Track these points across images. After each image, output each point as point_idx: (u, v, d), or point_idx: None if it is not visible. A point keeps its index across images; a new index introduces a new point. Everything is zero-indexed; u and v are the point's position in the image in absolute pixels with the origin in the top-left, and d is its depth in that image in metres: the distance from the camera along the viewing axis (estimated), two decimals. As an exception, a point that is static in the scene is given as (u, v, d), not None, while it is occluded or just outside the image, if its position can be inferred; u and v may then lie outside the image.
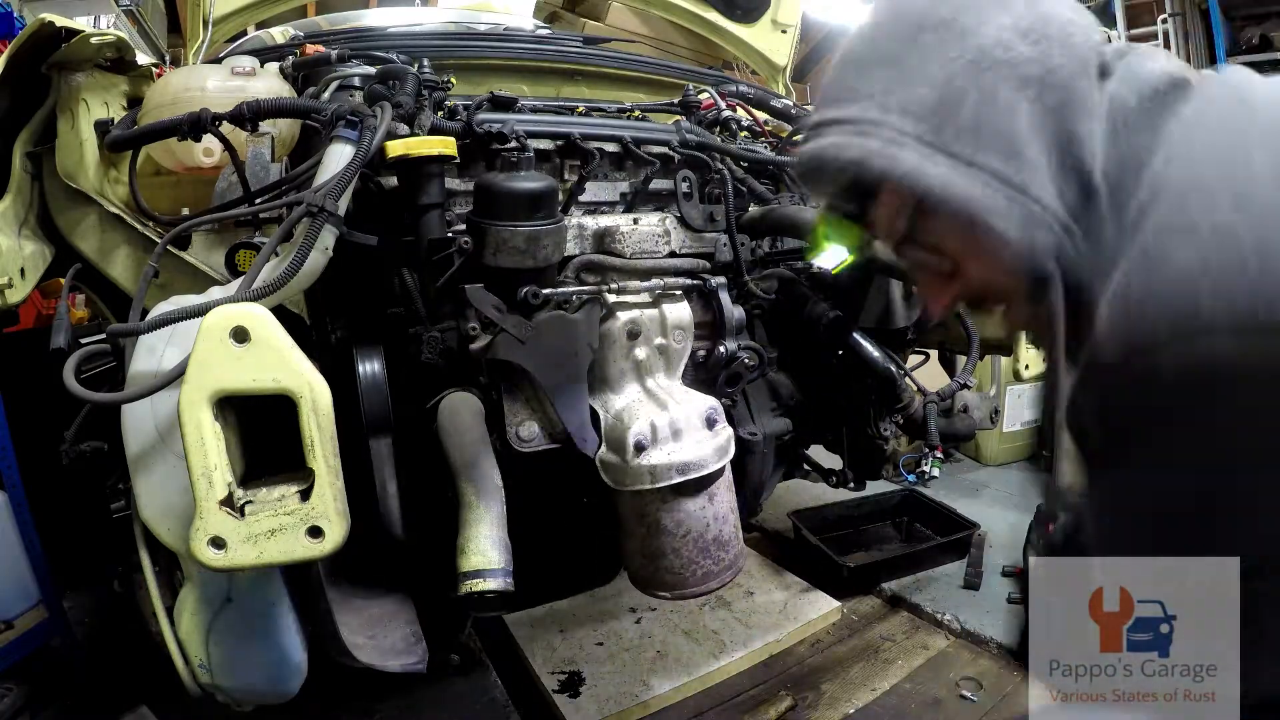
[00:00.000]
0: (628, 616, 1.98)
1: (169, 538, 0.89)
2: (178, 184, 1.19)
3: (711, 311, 1.38)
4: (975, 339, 1.63)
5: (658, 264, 1.28)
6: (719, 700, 1.72)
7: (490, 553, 0.99)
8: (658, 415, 1.17)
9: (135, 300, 0.92)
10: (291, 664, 1.04)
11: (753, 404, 1.48)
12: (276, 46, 1.63)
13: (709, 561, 1.22)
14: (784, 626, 1.93)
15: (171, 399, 0.79)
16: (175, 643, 0.99)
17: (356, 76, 1.28)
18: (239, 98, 1.05)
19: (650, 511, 1.20)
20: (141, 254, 1.11)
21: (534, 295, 1.11)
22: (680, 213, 1.39)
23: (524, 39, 1.99)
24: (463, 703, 1.71)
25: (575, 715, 1.62)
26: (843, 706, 1.69)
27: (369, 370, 1.13)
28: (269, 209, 1.03)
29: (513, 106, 1.33)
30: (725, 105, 1.71)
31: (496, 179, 1.12)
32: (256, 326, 0.78)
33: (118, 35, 1.08)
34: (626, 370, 1.25)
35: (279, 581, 1.00)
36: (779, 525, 2.49)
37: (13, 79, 1.04)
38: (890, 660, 1.85)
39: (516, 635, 1.89)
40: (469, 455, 1.05)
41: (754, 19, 2.47)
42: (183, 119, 1.02)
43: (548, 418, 1.19)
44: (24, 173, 1.09)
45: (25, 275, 1.03)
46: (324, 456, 0.81)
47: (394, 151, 1.05)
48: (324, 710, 1.62)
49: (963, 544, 2.27)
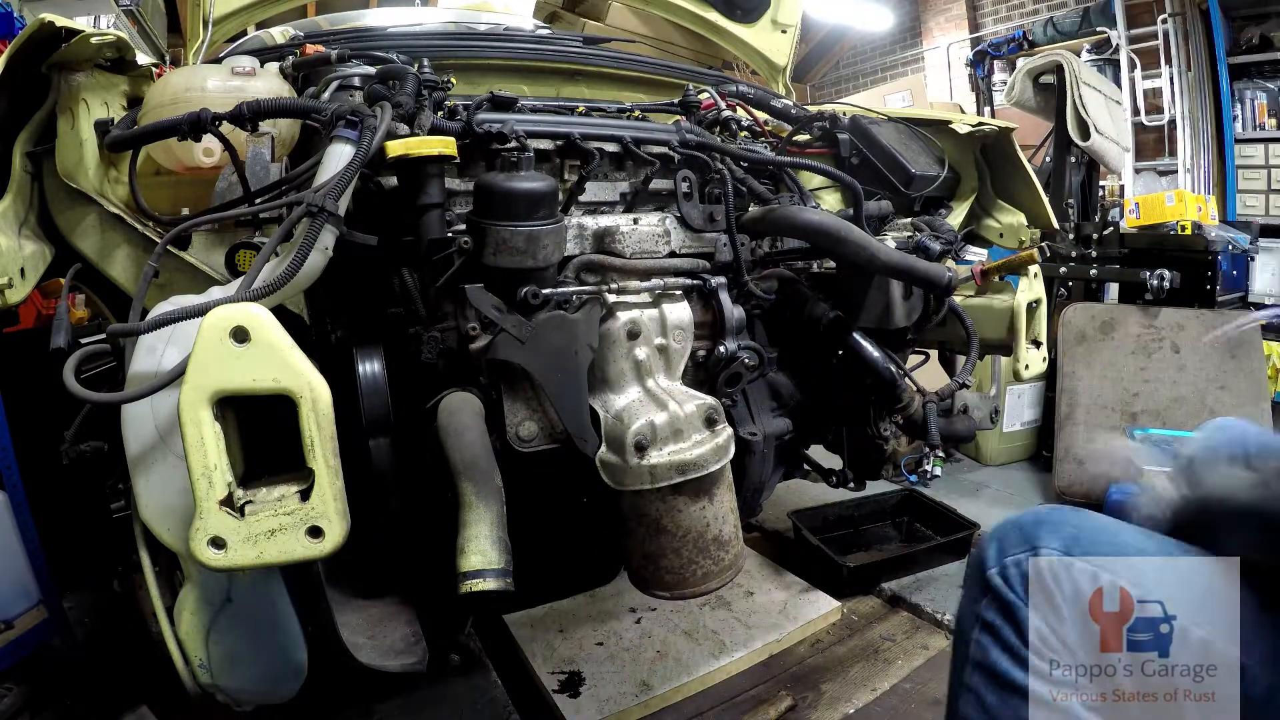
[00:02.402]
0: (628, 616, 1.98)
1: (169, 538, 0.89)
2: (178, 184, 1.19)
3: (711, 311, 1.38)
4: (975, 339, 1.63)
5: (658, 264, 1.28)
6: (719, 700, 1.72)
7: (490, 553, 0.99)
8: (658, 415, 1.17)
9: (135, 300, 0.92)
10: (291, 664, 1.04)
11: (753, 404, 1.48)
12: (276, 46, 1.63)
13: (709, 561, 1.22)
14: (784, 626, 1.93)
15: (171, 399, 0.79)
16: (175, 643, 0.99)
17: (356, 76, 1.28)
18: (239, 98, 1.05)
19: (650, 511, 1.20)
20: (141, 254, 1.11)
21: (534, 295, 1.11)
22: (680, 213, 1.39)
23: (524, 39, 1.99)
24: (463, 703, 1.71)
25: (575, 715, 1.62)
26: (843, 706, 1.69)
27: (369, 370, 1.13)
28: (269, 209, 1.03)
29: (513, 106, 1.33)
30: (725, 105, 1.71)
31: (496, 179, 1.12)
32: (256, 326, 0.78)
33: (118, 35, 1.08)
34: (626, 370, 1.25)
35: (279, 581, 1.00)
36: (779, 525, 2.49)
37: (13, 79, 1.04)
38: (890, 660, 1.85)
39: (516, 635, 1.89)
40: (469, 455, 1.05)
41: (754, 19, 2.46)
42: (183, 119, 1.02)
43: (548, 418, 1.19)
44: (24, 173, 1.09)
45: (25, 275, 1.03)
46: (324, 456, 0.81)
47: (394, 151, 1.05)
48: (324, 710, 1.62)
49: (963, 544, 2.27)
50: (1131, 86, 4.68)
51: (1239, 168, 4.51)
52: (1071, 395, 2.80)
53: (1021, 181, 2.01)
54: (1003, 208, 2.06)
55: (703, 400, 1.23)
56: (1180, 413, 2.65)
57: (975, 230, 2.09)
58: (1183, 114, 4.55)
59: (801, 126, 1.82)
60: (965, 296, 1.78)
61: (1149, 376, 2.73)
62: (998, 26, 6.28)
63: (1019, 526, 0.81)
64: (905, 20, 7.04)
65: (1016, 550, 0.78)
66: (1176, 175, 4.60)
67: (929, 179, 1.76)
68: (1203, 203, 2.93)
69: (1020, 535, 0.79)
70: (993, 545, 0.81)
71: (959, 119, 1.90)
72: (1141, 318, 2.79)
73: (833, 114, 1.83)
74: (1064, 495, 2.70)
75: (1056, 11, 5.53)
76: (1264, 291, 3.97)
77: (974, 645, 0.80)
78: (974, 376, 1.68)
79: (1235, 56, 4.48)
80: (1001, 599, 0.77)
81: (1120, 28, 4.74)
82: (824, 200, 1.82)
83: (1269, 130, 4.45)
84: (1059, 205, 3.15)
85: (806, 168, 1.63)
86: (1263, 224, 3.82)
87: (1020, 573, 0.77)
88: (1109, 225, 3.02)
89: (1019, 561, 0.77)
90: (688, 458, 1.16)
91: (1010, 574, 0.77)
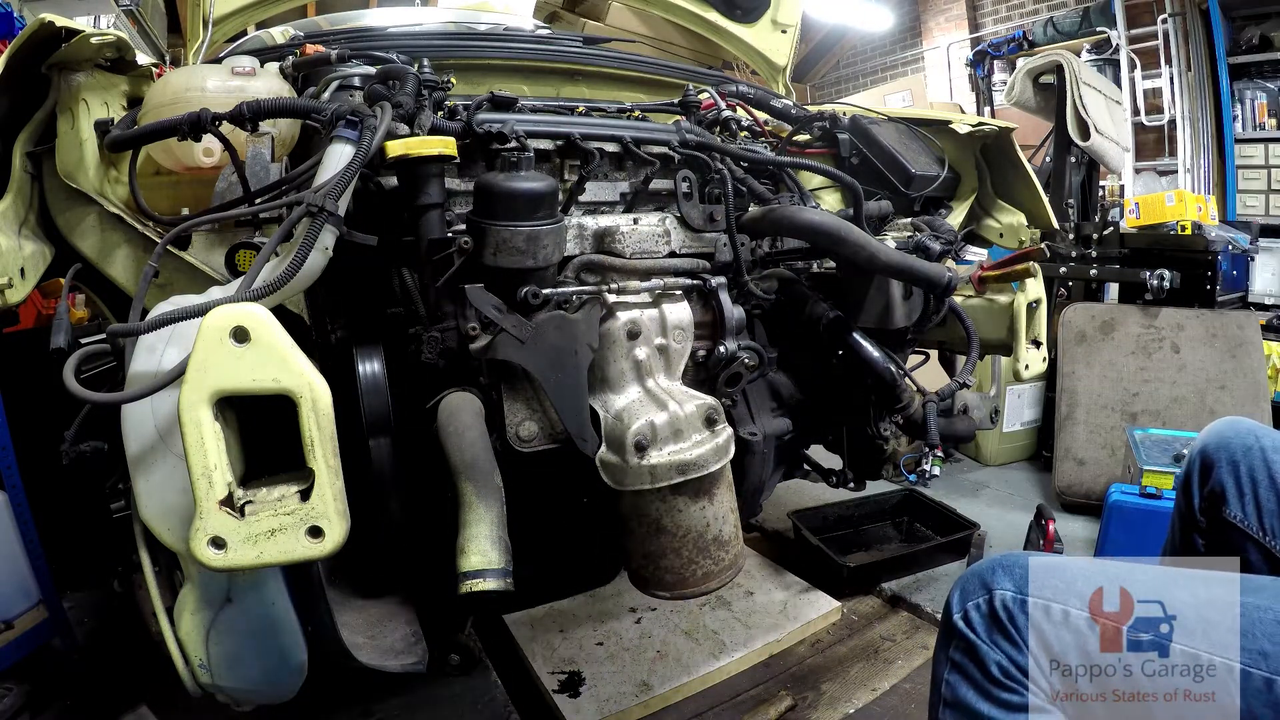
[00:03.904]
0: (628, 616, 1.98)
1: (169, 538, 0.89)
2: (178, 184, 1.19)
3: (711, 311, 1.38)
4: (975, 339, 1.63)
5: (658, 264, 1.28)
6: (719, 700, 1.72)
7: (490, 553, 0.99)
8: (658, 415, 1.17)
9: (135, 300, 0.92)
10: (291, 664, 1.04)
11: (753, 404, 1.48)
12: (276, 46, 1.63)
13: (709, 561, 1.22)
14: (784, 626, 1.93)
15: (171, 399, 0.79)
16: (175, 643, 0.99)
17: (356, 76, 1.28)
18: (239, 98, 1.05)
19: (650, 511, 1.20)
20: (141, 254, 1.11)
21: (534, 295, 1.11)
22: (680, 213, 1.39)
23: (524, 39, 1.99)
24: (462, 703, 1.71)
25: (575, 715, 1.62)
26: (843, 706, 1.69)
27: (369, 370, 1.13)
28: (269, 209, 1.03)
29: (513, 106, 1.33)
30: (725, 105, 1.71)
31: (496, 179, 1.12)
32: (256, 326, 0.78)
33: (118, 35, 1.08)
34: (626, 370, 1.25)
35: (279, 581, 1.00)
36: (779, 525, 2.49)
37: (13, 79, 1.04)
38: (890, 660, 1.85)
39: (516, 635, 1.89)
40: (469, 455, 1.05)
41: (754, 19, 2.46)
42: (183, 119, 1.02)
43: (548, 418, 1.19)
44: (24, 173, 1.09)
45: (25, 275, 1.03)
46: (324, 456, 0.81)
47: (394, 151, 1.05)
48: (324, 710, 1.62)
49: (963, 544, 2.27)
50: (1131, 86, 4.68)
51: (1239, 168, 4.50)
52: (1071, 395, 2.80)
53: (1021, 181, 2.01)
54: (1003, 208, 2.06)
55: (703, 400, 1.23)
56: (1180, 413, 2.65)
57: (975, 230, 2.09)
58: (1183, 114, 4.55)
59: (801, 126, 1.82)
60: (965, 297, 1.78)
61: (1149, 376, 2.73)
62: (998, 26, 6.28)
63: (977, 574, 0.87)
64: (905, 20, 7.05)
65: (975, 595, 0.84)
66: (1176, 175, 4.60)
67: (929, 179, 1.76)
68: (1203, 203, 2.93)
69: (978, 581, 0.85)
70: (956, 593, 0.87)
71: (959, 119, 1.90)
72: (1141, 318, 2.79)
73: (833, 114, 1.83)
74: (1064, 495, 2.70)
75: (1056, 11, 5.53)
76: (1264, 291, 3.97)
77: (945, 686, 0.86)
78: (974, 376, 1.68)
79: (1235, 56, 4.48)
80: (965, 640, 0.83)
81: (1120, 28, 4.74)
82: (824, 200, 1.82)
83: (1269, 130, 4.44)
84: (1059, 205, 3.15)
85: (806, 168, 1.63)
86: (1263, 224, 3.82)
87: (980, 614, 0.83)
88: (1109, 225, 3.02)
89: (978, 605, 0.83)
90: (688, 458, 1.16)
91: (971, 616, 0.84)
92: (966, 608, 0.84)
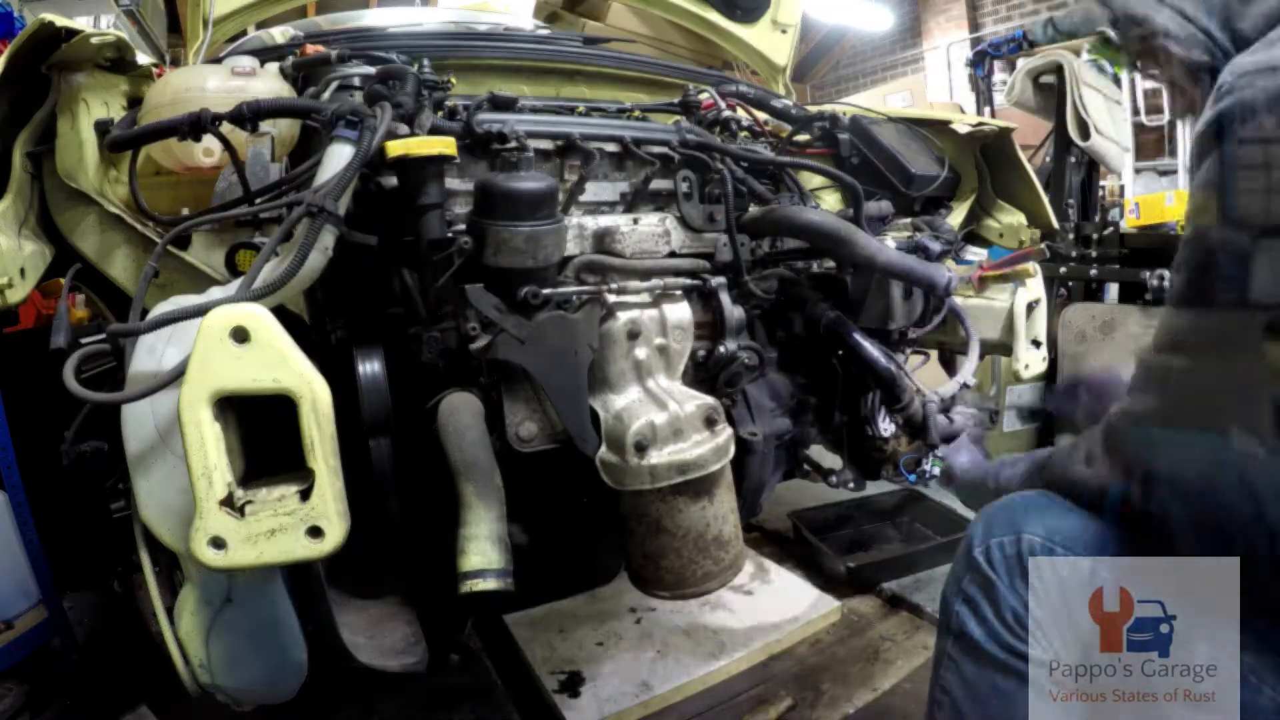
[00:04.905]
0: (628, 616, 1.98)
1: (169, 538, 0.89)
2: (178, 184, 1.19)
3: (711, 311, 1.38)
4: (975, 339, 1.63)
5: (658, 264, 1.28)
6: (719, 700, 1.72)
7: (491, 552, 0.99)
8: (658, 415, 1.17)
9: (135, 300, 0.92)
10: (291, 664, 1.04)
11: (753, 404, 1.48)
12: (276, 46, 1.62)
13: (709, 561, 1.22)
14: (784, 626, 1.93)
15: (171, 399, 0.79)
16: (175, 643, 0.99)
17: (356, 76, 1.28)
18: (239, 98, 1.05)
19: (650, 511, 1.20)
20: (141, 254, 1.11)
21: (534, 295, 1.11)
22: (680, 213, 1.39)
23: (524, 39, 1.99)
24: (462, 703, 1.71)
25: (575, 715, 1.62)
26: (843, 706, 1.69)
27: (369, 370, 1.13)
28: (269, 209, 1.03)
29: (513, 106, 1.33)
30: (725, 105, 1.71)
31: (496, 179, 1.12)
32: (256, 326, 0.78)
33: (118, 35, 1.08)
34: (626, 370, 1.25)
35: (279, 581, 1.00)
36: (779, 525, 2.49)
37: (13, 79, 1.04)
38: (890, 660, 1.85)
39: (516, 635, 1.88)
40: (469, 455, 1.05)
41: (754, 19, 2.46)
42: (183, 119, 1.02)
43: (548, 418, 1.19)
44: (24, 173, 1.09)
45: (25, 275, 1.03)
46: (324, 456, 0.81)
47: (394, 151, 1.05)
48: (324, 710, 1.62)
49: (963, 544, 2.27)
50: (1131, 86, 4.68)
51: (1239, 168, 4.50)
52: (1071, 395, 2.79)
53: (1021, 181, 2.01)
54: (1003, 208, 2.06)
55: (703, 400, 1.23)
56: (1180, 413, 2.65)
57: (975, 230, 2.09)
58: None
59: (801, 126, 1.82)
60: (965, 296, 1.78)
61: (1149, 376, 2.73)
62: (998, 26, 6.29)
63: (1008, 509, 0.85)
64: (905, 20, 7.05)
65: (1001, 533, 0.82)
66: (1176, 175, 4.59)
67: (929, 179, 1.76)
68: (1203, 203, 2.92)
69: (1008, 519, 0.83)
70: (980, 525, 0.86)
71: (959, 119, 1.90)
72: (1141, 318, 2.79)
73: (833, 114, 1.83)
74: (1064, 495, 2.70)
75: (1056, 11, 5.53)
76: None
77: (954, 617, 0.85)
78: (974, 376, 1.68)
79: (1235, 56, 4.47)
80: (983, 575, 0.82)
81: (1120, 28, 4.73)
82: (824, 200, 1.82)
83: (1269, 130, 4.44)
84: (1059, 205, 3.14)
85: (806, 168, 1.63)
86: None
87: (1003, 554, 0.81)
88: (1109, 225, 3.02)
89: (1002, 544, 0.82)
90: (688, 458, 1.16)
91: (993, 554, 0.82)
92: (989, 544, 0.82)
